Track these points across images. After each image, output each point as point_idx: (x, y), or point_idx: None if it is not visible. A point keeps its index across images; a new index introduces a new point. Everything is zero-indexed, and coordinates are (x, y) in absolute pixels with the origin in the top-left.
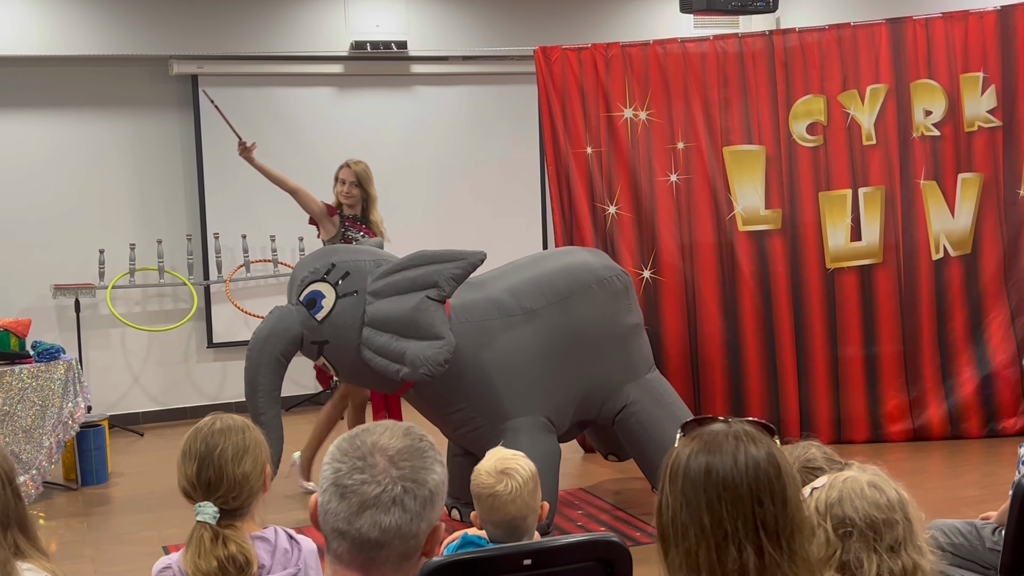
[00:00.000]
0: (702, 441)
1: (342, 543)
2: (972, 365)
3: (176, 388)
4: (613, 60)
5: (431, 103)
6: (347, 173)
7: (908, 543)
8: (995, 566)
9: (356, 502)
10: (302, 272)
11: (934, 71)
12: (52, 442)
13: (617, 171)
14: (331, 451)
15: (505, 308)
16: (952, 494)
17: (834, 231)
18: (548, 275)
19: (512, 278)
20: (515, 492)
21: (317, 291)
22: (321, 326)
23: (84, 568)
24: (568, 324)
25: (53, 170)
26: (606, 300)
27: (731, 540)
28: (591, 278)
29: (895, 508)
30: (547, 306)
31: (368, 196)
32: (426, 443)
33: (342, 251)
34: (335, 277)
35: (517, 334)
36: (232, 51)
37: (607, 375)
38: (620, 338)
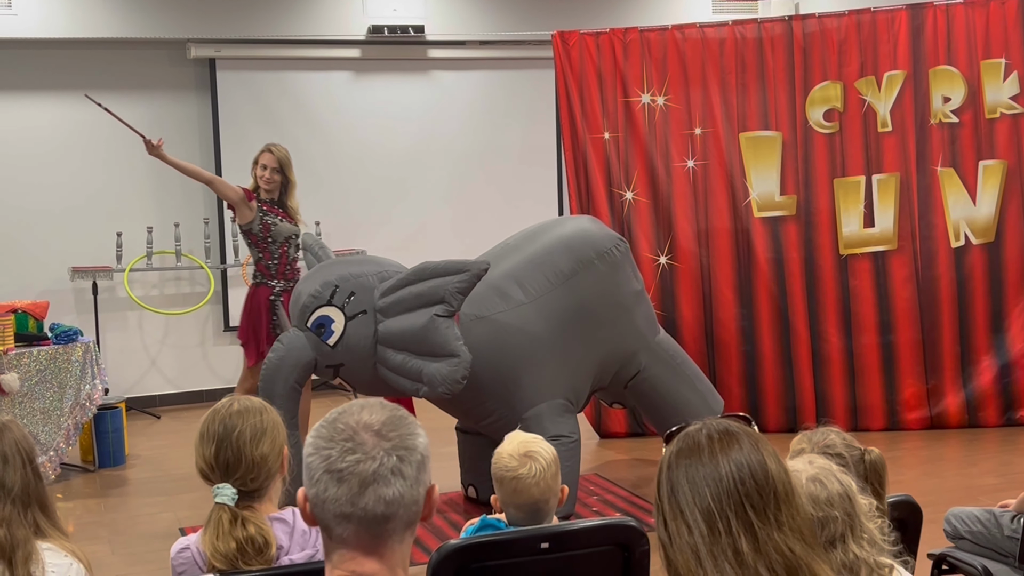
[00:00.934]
0: (681, 444)
1: (348, 526)
2: (991, 354)
3: (193, 371)
4: (631, 45)
5: (448, 88)
6: (269, 158)
7: (849, 538)
8: (1013, 554)
9: (356, 483)
10: (304, 297)
11: (953, 57)
12: (70, 424)
13: (634, 156)
14: (313, 441)
15: (512, 298)
16: (969, 482)
17: (848, 218)
18: (548, 255)
19: (511, 261)
20: (539, 475)
21: (325, 316)
22: (335, 351)
23: (101, 549)
24: (576, 304)
25: (71, 153)
26: (609, 273)
27: (719, 520)
28: (592, 252)
29: (834, 503)
30: (553, 290)
31: (288, 181)
32: (403, 411)
33: (341, 267)
34: (341, 299)
35: (528, 323)
36: (249, 35)
37: (619, 346)
38: (627, 308)
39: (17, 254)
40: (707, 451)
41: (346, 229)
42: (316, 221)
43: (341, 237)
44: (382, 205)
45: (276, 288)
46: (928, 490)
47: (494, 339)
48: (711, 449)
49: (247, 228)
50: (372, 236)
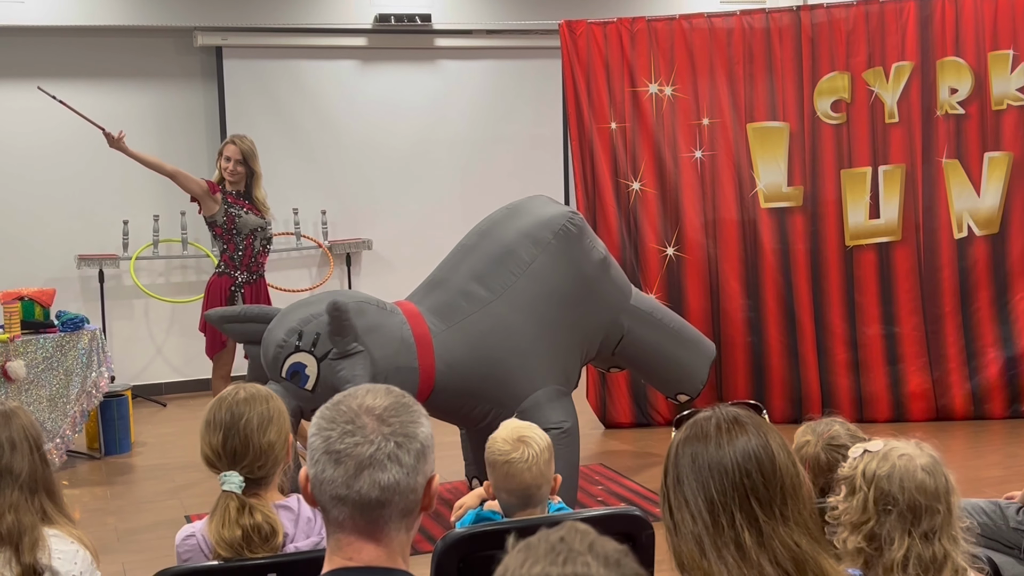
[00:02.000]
0: (689, 432)
1: (343, 509)
2: (997, 345)
3: (199, 359)
4: (639, 35)
5: (455, 77)
6: (232, 150)
7: (944, 532)
8: (1019, 545)
9: (352, 465)
10: (272, 348)
11: (961, 48)
12: (76, 411)
13: (641, 147)
14: (316, 422)
15: (478, 298)
16: (975, 474)
17: (854, 209)
18: (504, 247)
19: (471, 263)
20: (531, 460)
21: (297, 363)
22: (316, 394)
23: (107, 536)
24: (544, 289)
25: (78, 141)
26: (569, 249)
27: (722, 513)
28: (547, 234)
29: (940, 497)
30: (517, 280)
31: (253, 173)
32: (409, 399)
33: (300, 310)
34: (307, 343)
35: (500, 319)
36: (256, 23)
37: (597, 317)
38: (595, 278)
39: (24, 242)
40: (714, 440)
41: (352, 218)
42: (322, 210)
43: (347, 226)
44: (388, 194)
45: (239, 279)
46: None
47: (471, 343)
48: (718, 439)
49: (211, 220)
50: (378, 225)
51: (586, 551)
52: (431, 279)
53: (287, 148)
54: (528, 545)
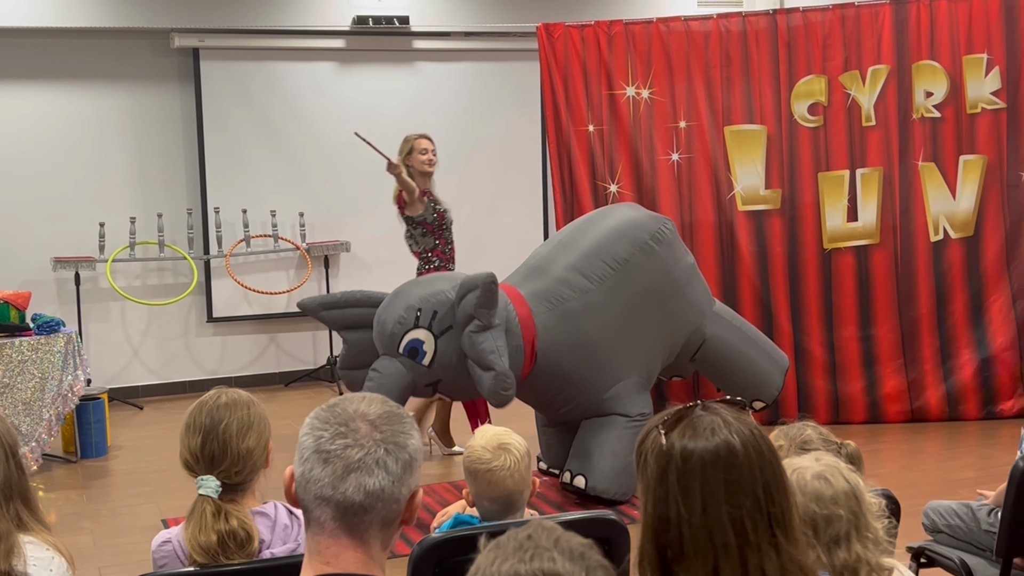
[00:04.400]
0: (702, 439)
1: (325, 510)
2: (971, 347)
3: (176, 362)
4: (616, 38)
5: (433, 79)
6: (427, 143)
7: (853, 537)
8: (991, 547)
9: (340, 466)
10: (390, 325)
11: (937, 52)
12: (52, 415)
13: (619, 149)
14: (309, 422)
15: (577, 286)
16: (949, 475)
17: (832, 212)
18: (602, 243)
19: (570, 256)
20: (513, 467)
21: (415, 339)
22: (431, 370)
23: (83, 540)
24: (639, 286)
25: (54, 143)
26: (664, 252)
27: (752, 548)
28: (645, 235)
29: (839, 501)
30: (614, 275)
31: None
32: (402, 411)
33: (418, 288)
34: (426, 320)
35: (597, 308)
36: (233, 24)
37: (684, 319)
38: (686, 282)
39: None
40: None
41: (330, 220)
42: (300, 212)
43: (325, 228)
44: (366, 196)
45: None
46: (908, 483)
47: (569, 327)
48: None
49: (420, 219)
50: (356, 227)
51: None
52: (528, 266)
53: (265, 150)
54: (497, 544)
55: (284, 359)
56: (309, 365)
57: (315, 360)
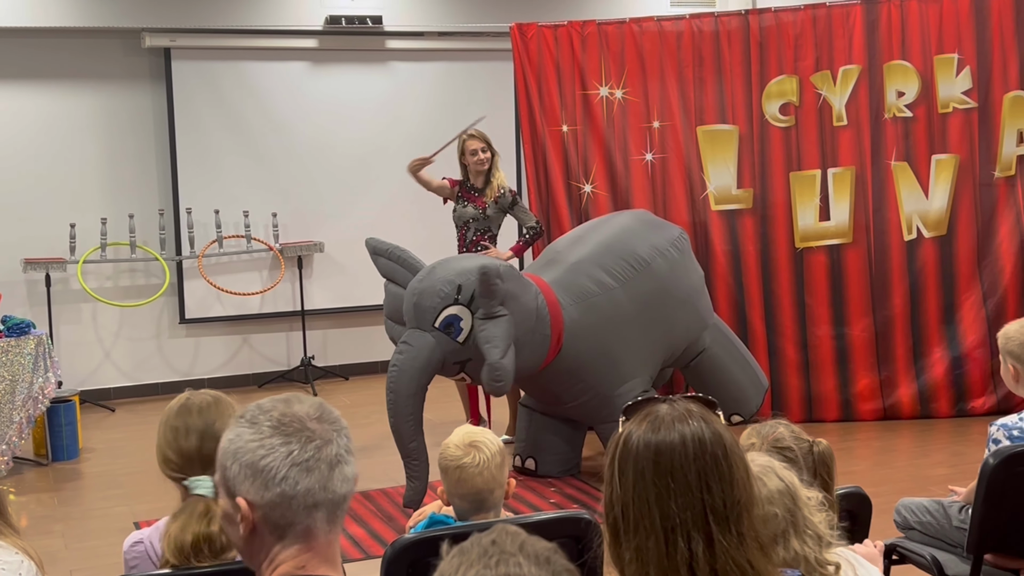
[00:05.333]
0: (648, 428)
1: (316, 514)
2: (943, 345)
3: (148, 364)
4: (589, 38)
5: (406, 79)
6: (476, 143)
7: (791, 535)
8: (962, 544)
9: (325, 467)
10: (428, 298)
11: (908, 52)
12: (22, 417)
13: (592, 149)
14: (257, 443)
15: (604, 284)
16: (921, 472)
17: (803, 211)
18: (624, 243)
19: (591, 252)
20: (482, 465)
21: (453, 315)
22: (464, 347)
23: (54, 543)
24: (657, 287)
25: (23, 143)
26: (680, 259)
27: (679, 532)
28: (664, 240)
29: (774, 500)
30: (637, 275)
31: (492, 156)
32: (320, 399)
33: (456, 264)
34: (466, 297)
35: (620, 305)
36: (205, 24)
37: (691, 325)
38: (697, 290)
39: None
40: (678, 436)
41: (303, 220)
42: (273, 212)
43: (298, 229)
44: (339, 196)
45: None
46: (880, 480)
47: (593, 321)
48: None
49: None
50: (330, 228)
51: (517, 551)
52: (555, 259)
53: (237, 150)
54: (461, 550)
55: (257, 360)
56: (283, 366)
57: (289, 361)
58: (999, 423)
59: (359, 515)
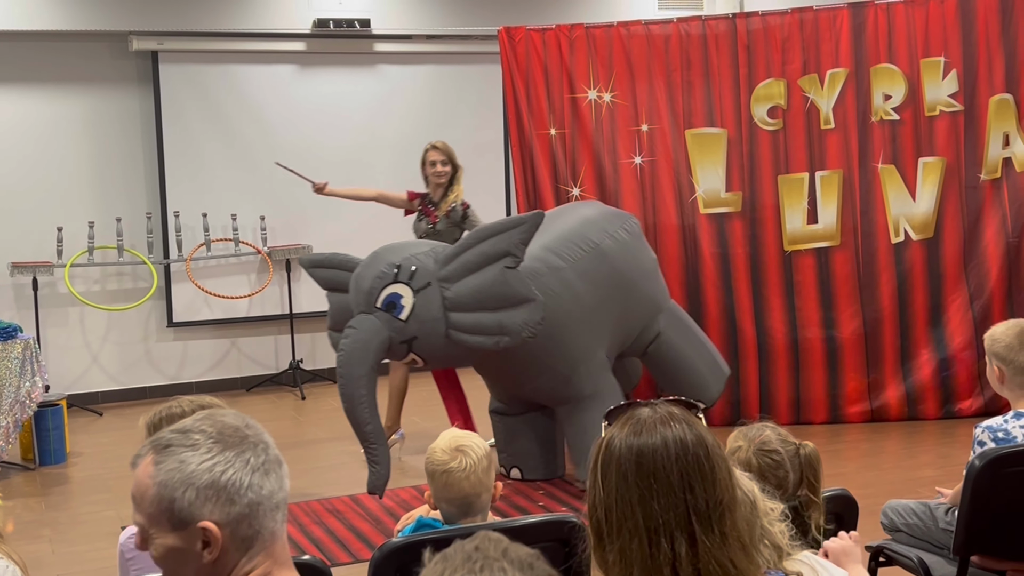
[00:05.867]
0: (631, 430)
1: (279, 514)
2: (930, 347)
3: (135, 367)
4: (577, 41)
5: (394, 82)
6: (435, 154)
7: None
8: (948, 546)
9: (277, 467)
10: (368, 280)
11: (894, 55)
12: (9, 422)
13: (581, 153)
14: (212, 461)
15: (552, 264)
16: (908, 474)
17: (792, 214)
18: (575, 228)
19: (541, 238)
20: (469, 469)
21: (393, 293)
22: (407, 325)
23: (41, 548)
24: (608, 268)
25: (10, 147)
26: (632, 241)
27: (663, 532)
28: (615, 224)
29: None
30: (586, 255)
31: (456, 171)
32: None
33: (396, 249)
34: (405, 275)
35: (570, 285)
36: (193, 27)
37: (645, 307)
38: (649, 273)
39: None
40: (660, 439)
41: (292, 224)
42: (261, 216)
43: (287, 232)
44: (328, 200)
45: None
46: (868, 482)
47: (545, 299)
48: (664, 435)
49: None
50: (318, 230)
51: (500, 557)
52: None
53: (225, 154)
54: (444, 556)
55: (246, 364)
56: (271, 369)
57: (277, 365)
58: (984, 425)
59: (347, 518)
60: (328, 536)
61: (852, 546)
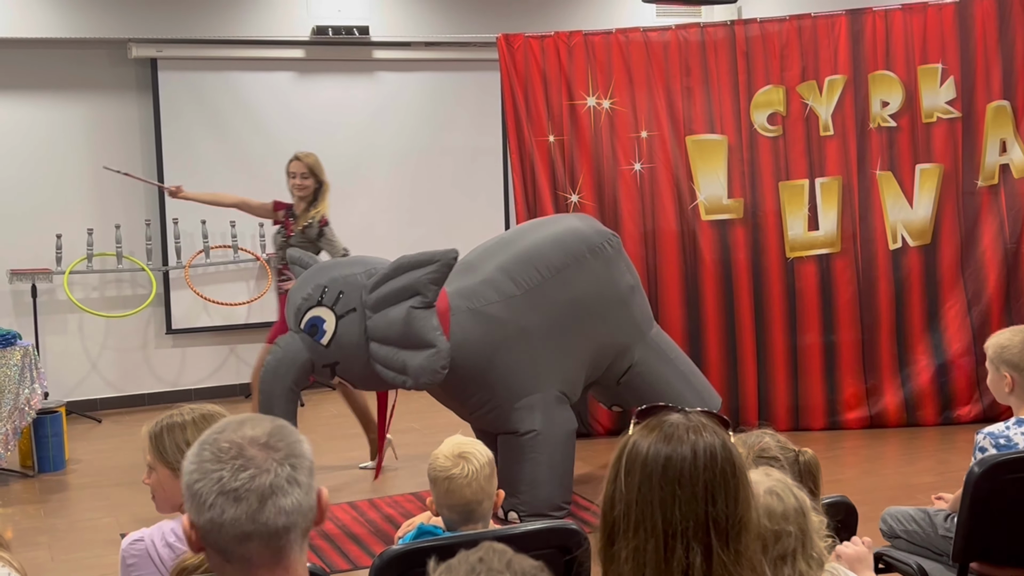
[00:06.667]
0: (661, 433)
1: (249, 545)
2: (928, 354)
3: (134, 374)
4: (576, 48)
5: (393, 89)
6: (297, 165)
7: (799, 554)
8: (947, 552)
9: (254, 499)
10: (296, 300)
11: (892, 62)
12: (8, 429)
13: (580, 159)
14: (196, 466)
15: (503, 289)
16: (907, 481)
17: (793, 220)
18: (538, 249)
19: (502, 256)
20: (471, 476)
21: (316, 317)
22: (328, 350)
23: (40, 555)
24: (568, 297)
25: (9, 154)
26: (601, 267)
27: (679, 539)
28: (583, 247)
29: (790, 518)
30: (544, 282)
31: (321, 185)
32: (283, 421)
33: (331, 269)
34: (330, 299)
35: (520, 314)
36: (192, 35)
37: (613, 339)
38: (620, 302)
39: None
40: (689, 446)
41: None
42: (260, 223)
43: None
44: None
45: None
46: (867, 488)
47: (487, 330)
48: (694, 457)
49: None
50: None
51: (504, 569)
52: (462, 263)
53: (224, 160)
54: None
55: (244, 370)
56: None
57: None
58: (986, 431)
59: (346, 526)
60: (327, 543)
61: (866, 552)
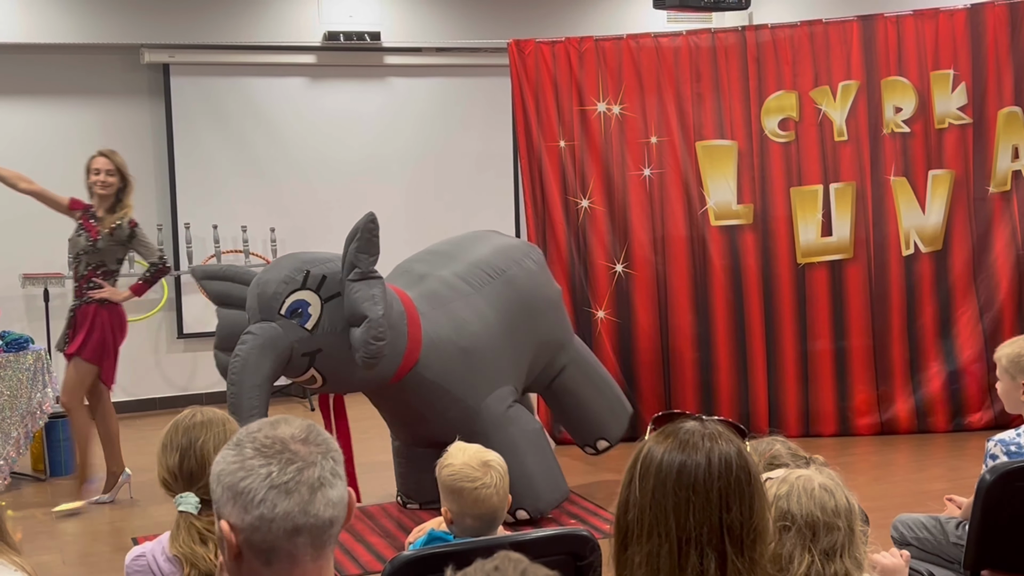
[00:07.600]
0: (676, 440)
1: (298, 539)
2: (940, 360)
3: (146, 379)
4: (586, 54)
5: (404, 94)
6: (102, 162)
7: (846, 551)
8: (959, 560)
9: (305, 491)
10: (274, 285)
11: (904, 68)
12: (20, 433)
13: (590, 165)
14: (238, 465)
15: (460, 290)
16: (918, 487)
17: (805, 226)
18: (482, 256)
19: (451, 265)
20: (498, 483)
21: (300, 300)
22: (313, 335)
23: (51, 559)
24: (515, 295)
25: (23, 159)
26: (537, 270)
27: (693, 545)
28: (520, 252)
29: (840, 515)
30: (492, 281)
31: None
32: (310, 421)
33: (306, 255)
34: (314, 283)
35: (479, 310)
36: (204, 40)
37: (551, 336)
38: (554, 303)
39: None
40: (704, 453)
41: (301, 235)
42: (271, 228)
43: (296, 243)
44: (337, 212)
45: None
46: (878, 495)
47: (454, 326)
48: (711, 450)
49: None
50: (327, 242)
51: None
52: (412, 273)
53: (235, 165)
54: None
55: None
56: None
57: None
58: (997, 438)
59: (357, 531)
60: (338, 548)
61: (903, 566)
